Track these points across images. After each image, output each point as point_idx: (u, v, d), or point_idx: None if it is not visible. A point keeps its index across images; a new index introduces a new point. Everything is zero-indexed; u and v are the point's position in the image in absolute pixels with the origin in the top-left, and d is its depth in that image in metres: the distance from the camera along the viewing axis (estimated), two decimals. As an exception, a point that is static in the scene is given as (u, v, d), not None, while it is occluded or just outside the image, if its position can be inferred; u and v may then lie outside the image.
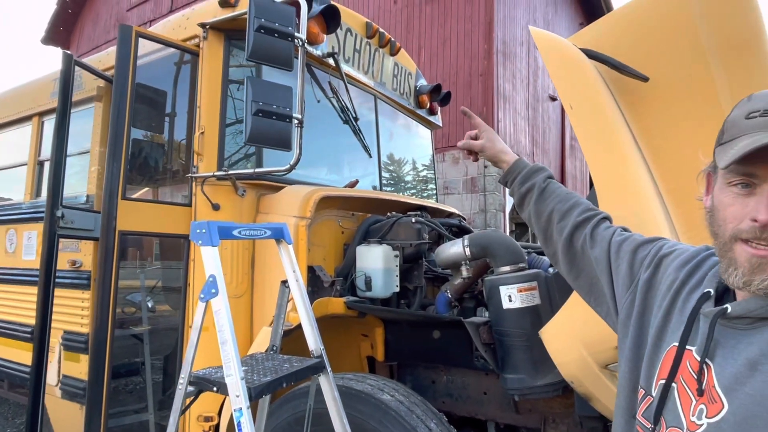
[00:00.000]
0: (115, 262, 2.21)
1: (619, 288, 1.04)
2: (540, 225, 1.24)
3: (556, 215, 1.20)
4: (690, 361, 0.80)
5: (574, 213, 1.18)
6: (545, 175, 1.29)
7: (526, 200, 1.28)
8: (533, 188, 1.27)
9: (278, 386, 1.60)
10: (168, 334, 2.74)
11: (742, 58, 1.49)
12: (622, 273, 1.04)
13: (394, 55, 3.38)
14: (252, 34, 1.95)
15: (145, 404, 2.57)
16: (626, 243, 1.07)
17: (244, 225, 1.72)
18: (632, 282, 1.01)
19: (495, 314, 2.05)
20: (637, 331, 0.96)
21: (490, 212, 8.28)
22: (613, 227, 1.15)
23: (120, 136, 2.25)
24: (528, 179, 1.29)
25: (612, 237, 1.10)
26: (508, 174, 1.35)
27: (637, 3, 1.61)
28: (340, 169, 3.24)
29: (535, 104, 10.74)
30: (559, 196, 1.23)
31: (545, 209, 1.23)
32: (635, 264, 1.03)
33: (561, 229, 1.18)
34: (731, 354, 0.75)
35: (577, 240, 1.15)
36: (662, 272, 0.97)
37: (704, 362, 0.77)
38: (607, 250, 1.09)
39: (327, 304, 2.21)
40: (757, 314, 0.74)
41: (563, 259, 1.19)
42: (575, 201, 1.21)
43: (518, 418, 2.28)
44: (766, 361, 0.70)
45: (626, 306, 1.00)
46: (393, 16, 9.43)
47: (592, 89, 1.55)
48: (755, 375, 0.71)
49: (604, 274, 1.08)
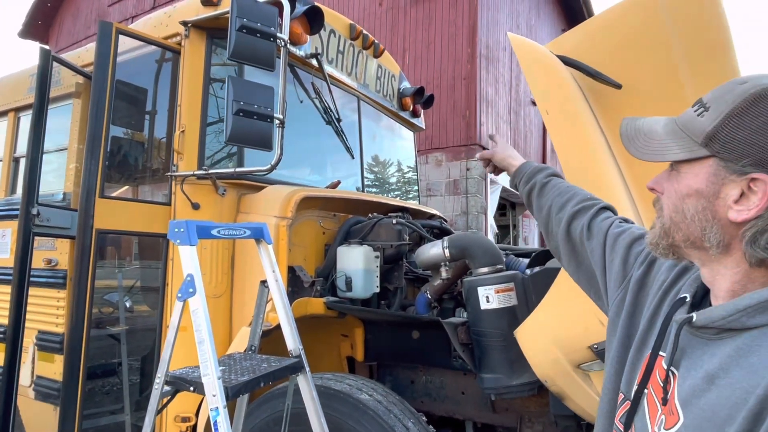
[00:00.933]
0: (92, 261, 2.19)
1: (611, 283, 1.01)
2: (542, 220, 1.25)
3: (555, 208, 1.20)
4: (659, 369, 0.79)
5: (570, 203, 1.17)
6: (548, 172, 1.31)
7: (531, 197, 1.30)
8: (535, 185, 1.29)
9: (256, 386, 1.60)
10: (145, 335, 2.71)
11: (710, 65, 1.55)
12: (616, 268, 1.01)
13: (378, 57, 3.40)
14: (234, 34, 1.95)
15: (121, 405, 2.54)
16: (623, 236, 1.03)
17: (224, 224, 1.72)
18: (625, 278, 0.98)
19: (473, 315, 2.08)
20: (625, 332, 0.93)
21: (471, 214, 8.35)
22: (612, 218, 1.12)
23: (98, 133, 2.22)
24: (531, 178, 1.32)
25: (609, 228, 1.07)
26: (515, 176, 1.39)
27: (611, 13, 1.66)
28: (323, 169, 3.25)
29: (518, 108, 10.87)
30: (558, 190, 1.23)
31: (545, 204, 1.24)
32: (629, 259, 1.00)
33: (559, 221, 1.17)
34: (694, 365, 0.73)
35: (575, 231, 1.13)
36: (655, 271, 0.94)
37: (670, 371, 0.76)
38: (603, 242, 1.06)
39: (307, 304, 2.21)
40: (720, 325, 0.71)
41: (563, 251, 1.17)
42: (573, 192, 1.21)
43: (495, 417, 2.31)
44: (723, 376, 0.68)
45: (617, 303, 0.97)
46: (377, 18, 9.46)
47: (567, 96, 1.59)
48: (711, 389, 0.68)
49: (599, 267, 1.06)
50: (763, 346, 0.66)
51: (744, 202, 0.69)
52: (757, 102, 0.67)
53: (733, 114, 0.69)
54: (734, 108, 0.69)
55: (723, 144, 0.70)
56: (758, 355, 0.65)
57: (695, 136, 0.73)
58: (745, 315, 0.68)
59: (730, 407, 0.64)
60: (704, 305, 0.80)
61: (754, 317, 0.67)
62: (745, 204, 0.68)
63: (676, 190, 0.77)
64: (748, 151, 0.67)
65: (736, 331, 0.70)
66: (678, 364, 0.76)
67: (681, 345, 0.76)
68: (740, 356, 0.67)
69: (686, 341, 0.76)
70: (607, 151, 1.60)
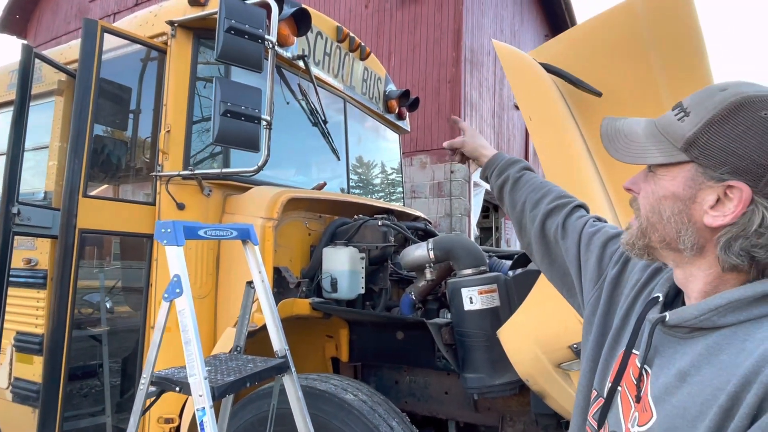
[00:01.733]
0: (75, 261, 2.16)
1: (586, 282, 1.02)
2: (515, 215, 1.23)
3: (528, 205, 1.19)
4: (633, 367, 0.80)
5: (545, 201, 1.16)
6: (521, 166, 1.28)
7: (503, 192, 1.27)
8: (508, 179, 1.26)
9: (242, 386, 1.61)
10: (128, 336, 2.68)
11: (685, 74, 1.61)
12: (591, 267, 1.01)
13: (364, 60, 3.42)
14: (222, 35, 1.95)
15: (102, 407, 2.51)
16: (597, 235, 1.04)
17: (210, 225, 1.72)
18: (600, 277, 0.99)
19: (457, 315, 2.12)
20: (600, 330, 0.94)
21: (455, 216, 8.42)
22: (587, 216, 1.12)
23: (82, 132, 2.20)
24: (503, 171, 1.28)
25: (584, 228, 1.08)
26: (486, 168, 1.34)
27: (592, 23, 1.71)
28: (309, 171, 3.26)
29: (501, 113, 11.00)
30: (532, 186, 1.22)
31: (519, 199, 1.22)
32: (604, 259, 1.00)
33: (533, 218, 1.16)
34: (667, 363, 0.75)
35: (549, 229, 1.13)
36: (629, 271, 0.95)
37: (643, 369, 0.77)
38: (577, 242, 1.06)
39: (292, 304, 2.22)
40: (692, 324, 0.73)
41: (536, 249, 1.16)
42: (548, 189, 1.19)
43: (478, 416, 2.35)
44: (695, 373, 0.69)
45: (592, 302, 0.98)
46: (363, 20, 9.48)
47: (550, 102, 1.63)
48: (683, 387, 0.70)
49: (574, 266, 1.06)
50: (733, 345, 0.67)
51: (720, 208, 0.70)
52: (737, 111, 0.68)
53: (714, 121, 0.69)
54: (714, 115, 0.69)
55: (702, 150, 0.70)
56: (728, 353, 0.67)
57: (675, 140, 0.73)
58: (716, 314, 0.70)
59: (702, 404, 0.66)
60: (676, 305, 0.82)
61: (725, 316, 0.70)
62: (720, 210, 0.70)
63: (654, 191, 0.77)
64: (727, 159, 0.68)
65: (707, 330, 0.71)
66: (651, 363, 0.77)
67: (654, 344, 0.77)
68: (711, 354, 0.69)
69: (659, 340, 0.78)
70: (588, 156, 1.65)
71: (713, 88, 0.73)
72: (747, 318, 0.68)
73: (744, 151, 0.67)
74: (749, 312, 0.68)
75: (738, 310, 0.69)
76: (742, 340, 0.67)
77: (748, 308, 0.69)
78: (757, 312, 0.68)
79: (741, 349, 0.66)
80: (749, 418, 0.61)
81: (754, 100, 0.68)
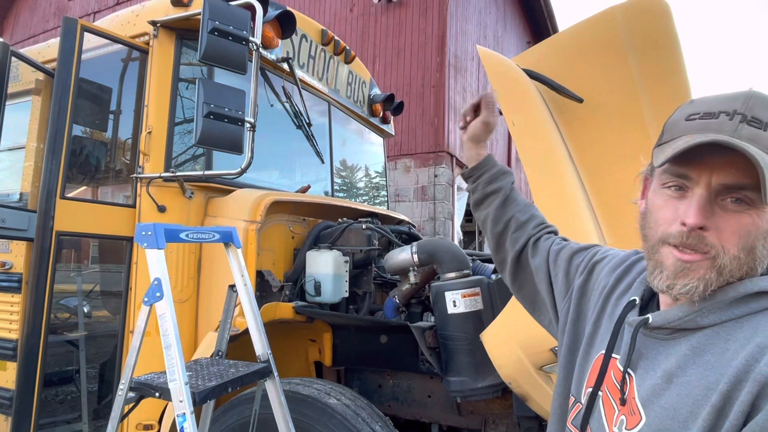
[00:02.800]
0: (51, 265, 2.11)
1: (557, 296, 1.05)
2: (495, 230, 1.20)
3: (513, 224, 1.18)
4: (614, 371, 0.80)
5: (530, 226, 1.17)
6: (512, 180, 1.24)
7: (488, 201, 1.22)
8: (499, 192, 1.21)
9: (223, 391, 1.59)
10: (106, 341, 2.62)
11: (663, 82, 1.65)
12: (560, 281, 1.04)
13: (349, 63, 3.43)
14: (205, 36, 1.94)
15: (78, 414, 2.45)
16: (563, 251, 1.07)
17: (192, 228, 1.70)
18: (568, 289, 1.02)
19: (440, 319, 2.12)
20: (571, 338, 0.96)
21: (439, 220, 8.46)
22: (553, 237, 1.15)
23: (60, 132, 2.16)
24: (496, 180, 1.22)
25: (551, 246, 1.11)
26: (476, 168, 1.24)
27: (574, 30, 1.74)
28: (293, 173, 3.24)
29: (485, 117, 11.07)
30: (519, 206, 1.21)
31: (504, 217, 1.20)
32: (570, 271, 1.03)
33: (515, 239, 1.17)
34: (651, 365, 0.75)
35: (527, 252, 1.15)
36: (595, 278, 0.97)
37: (626, 372, 0.77)
38: (546, 259, 1.10)
39: (275, 308, 2.21)
40: (675, 325, 0.73)
41: (511, 269, 1.18)
42: (532, 213, 1.20)
43: (460, 419, 2.35)
44: (681, 374, 0.70)
45: (563, 314, 1.01)
46: (348, 24, 9.49)
47: (532, 108, 1.65)
48: (670, 387, 0.70)
49: (544, 284, 1.09)
50: (716, 345, 0.69)
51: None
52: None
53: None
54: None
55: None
56: (712, 353, 0.69)
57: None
58: (699, 315, 0.71)
59: (692, 404, 0.67)
60: (651, 307, 0.83)
61: (707, 317, 0.71)
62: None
63: (759, 227, 0.70)
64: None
65: (689, 330, 0.73)
66: (635, 365, 0.77)
67: (637, 346, 0.78)
68: (696, 355, 0.70)
69: (641, 342, 0.78)
70: (569, 161, 1.68)
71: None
72: (728, 318, 0.70)
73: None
74: (731, 312, 0.70)
75: (720, 310, 0.71)
76: (724, 340, 0.69)
77: (729, 308, 0.70)
78: (737, 312, 0.70)
79: (725, 349, 0.68)
80: (744, 415, 0.62)
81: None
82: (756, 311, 0.69)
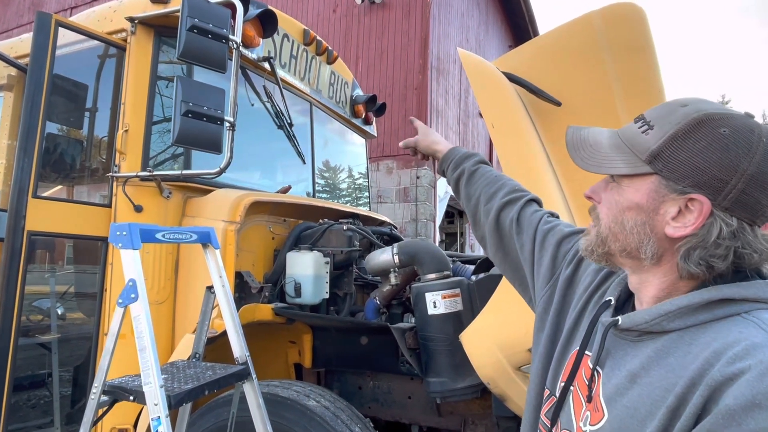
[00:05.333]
0: (22, 265, 2.06)
1: (539, 279, 1.04)
2: (470, 208, 1.25)
3: (483, 198, 1.20)
4: (585, 368, 0.83)
5: (499, 194, 1.18)
6: (476, 159, 1.29)
7: (459, 185, 1.28)
8: (463, 173, 1.27)
9: (200, 394, 1.56)
10: (80, 343, 2.56)
11: (640, 87, 1.68)
12: (545, 265, 1.04)
13: (331, 64, 3.42)
14: (184, 33, 1.91)
15: (50, 419, 2.39)
16: (552, 233, 1.06)
17: (169, 228, 1.67)
18: (553, 276, 1.01)
19: (420, 320, 2.13)
20: (553, 329, 0.97)
21: (421, 221, 8.49)
22: (541, 212, 1.14)
23: (33, 129, 2.10)
24: (459, 165, 1.30)
25: (539, 224, 1.09)
26: (442, 162, 1.35)
27: (553, 34, 1.77)
28: (274, 174, 3.21)
29: (466, 120, 11.19)
30: (487, 180, 1.23)
31: (474, 192, 1.23)
32: (558, 257, 1.03)
33: (487, 211, 1.18)
34: (618, 365, 0.78)
35: (504, 222, 1.15)
36: (582, 271, 0.98)
37: (595, 370, 0.80)
38: (533, 237, 1.08)
39: (254, 310, 2.18)
40: (643, 328, 0.76)
41: (490, 242, 1.18)
42: (502, 183, 1.21)
43: (440, 420, 2.36)
44: (644, 375, 0.72)
45: (545, 300, 1.01)
46: (331, 24, 9.47)
47: (512, 111, 1.67)
48: (633, 387, 0.73)
49: (528, 262, 1.08)
50: (680, 348, 0.71)
51: (681, 219, 0.72)
52: (698, 126, 0.70)
53: (677, 136, 0.71)
54: (678, 130, 0.71)
55: (666, 163, 0.72)
56: (675, 356, 0.71)
57: (639, 152, 0.75)
58: (665, 319, 0.73)
59: (651, 404, 0.69)
60: (627, 308, 0.85)
61: (673, 321, 0.73)
62: (681, 221, 0.72)
63: (617, 201, 0.78)
64: (689, 172, 0.70)
65: (656, 333, 0.75)
66: (603, 364, 0.80)
67: (606, 346, 0.80)
68: (659, 357, 0.72)
69: (611, 342, 0.81)
70: (547, 163, 1.70)
71: (675, 104, 0.75)
72: (693, 323, 0.72)
73: (705, 166, 0.69)
74: (695, 318, 0.72)
75: (685, 315, 0.73)
76: (688, 344, 0.71)
77: (695, 314, 0.72)
78: (702, 317, 0.72)
79: (687, 352, 0.70)
80: (694, 417, 0.64)
81: (715, 117, 0.71)
82: (720, 317, 0.71)
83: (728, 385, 0.62)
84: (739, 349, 0.64)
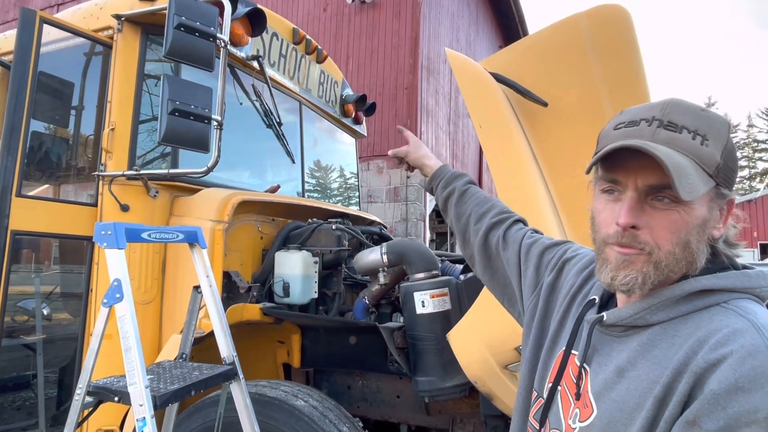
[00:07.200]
0: (6, 265, 2.03)
1: (525, 290, 1.07)
2: (459, 227, 1.27)
3: (473, 218, 1.23)
4: (572, 366, 0.84)
5: (489, 215, 1.21)
6: (466, 180, 1.32)
7: (448, 204, 1.31)
8: (453, 192, 1.30)
9: (186, 394, 1.55)
10: (65, 344, 2.53)
11: (625, 87, 1.70)
12: (530, 275, 1.06)
13: (321, 63, 3.41)
14: (171, 32, 1.89)
15: (35, 420, 2.36)
16: (535, 246, 1.09)
17: (155, 227, 1.66)
18: (537, 284, 1.04)
19: (409, 319, 2.13)
20: (537, 334, 0.98)
21: (411, 221, 8.50)
22: (525, 229, 1.18)
23: (17, 127, 2.08)
24: (449, 184, 1.32)
25: (523, 239, 1.13)
26: (432, 180, 1.37)
27: (540, 35, 1.78)
28: (263, 173, 3.20)
29: (456, 120, 11.22)
30: (477, 200, 1.26)
31: (464, 212, 1.26)
32: (541, 267, 1.05)
33: (477, 231, 1.21)
34: (605, 361, 0.79)
35: (491, 241, 1.18)
36: (564, 276, 1.00)
37: (582, 367, 0.81)
38: (517, 252, 1.11)
39: (242, 310, 2.17)
40: (627, 323, 0.77)
41: (479, 260, 1.21)
42: (492, 204, 1.25)
43: (429, 419, 2.37)
44: (631, 369, 0.74)
45: (530, 308, 1.03)
46: (322, 23, 9.45)
47: (499, 111, 1.68)
48: (621, 381, 0.74)
49: (515, 276, 1.11)
50: (664, 340, 0.73)
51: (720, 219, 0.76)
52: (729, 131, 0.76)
53: (729, 144, 0.74)
54: (728, 138, 0.74)
55: (724, 173, 0.74)
56: (660, 348, 0.73)
57: (708, 167, 0.72)
58: (648, 312, 0.75)
59: (639, 396, 0.71)
60: (610, 306, 0.86)
61: (656, 314, 0.75)
62: (721, 221, 0.76)
63: (686, 222, 0.73)
64: (733, 176, 0.75)
65: (640, 327, 0.77)
66: (590, 361, 0.82)
67: (593, 343, 0.82)
68: (645, 350, 0.74)
69: (597, 339, 0.82)
70: (534, 163, 1.71)
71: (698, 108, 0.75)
72: (676, 315, 0.74)
73: (736, 166, 0.76)
74: (677, 309, 0.74)
75: (667, 308, 0.75)
76: (671, 336, 0.73)
77: (676, 306, 0.74)
78: (684, 309, 0.74)
79: (671, 344, 0.72)
80: (681, 405, 0.66)
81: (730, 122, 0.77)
82: (701, 308, 0.73)
83: (712, 371, 0.64)
84: (721, 335, 0.67)
